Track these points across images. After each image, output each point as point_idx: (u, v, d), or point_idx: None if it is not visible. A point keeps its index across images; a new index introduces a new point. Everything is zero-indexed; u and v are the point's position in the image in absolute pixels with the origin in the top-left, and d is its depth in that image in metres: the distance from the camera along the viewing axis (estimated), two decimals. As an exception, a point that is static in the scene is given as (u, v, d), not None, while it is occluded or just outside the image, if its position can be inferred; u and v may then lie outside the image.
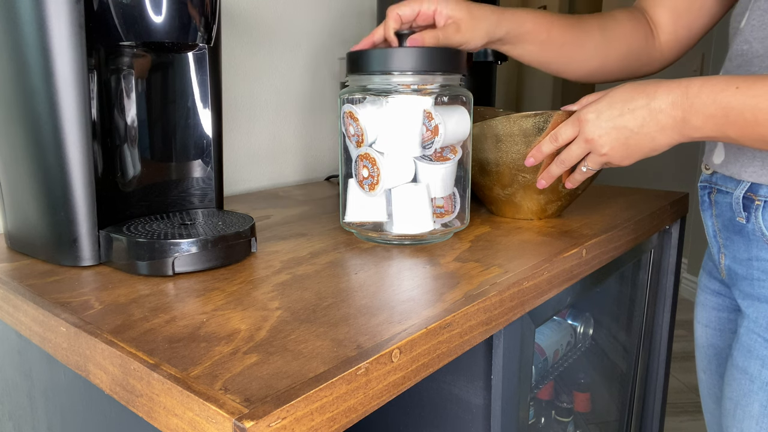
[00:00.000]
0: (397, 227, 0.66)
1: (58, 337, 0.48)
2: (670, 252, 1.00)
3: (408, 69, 0.62)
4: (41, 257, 0.62)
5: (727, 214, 0.61)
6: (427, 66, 0.62)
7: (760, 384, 0.55)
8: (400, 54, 0.62)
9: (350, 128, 0.67)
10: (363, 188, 0.67)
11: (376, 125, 0.65)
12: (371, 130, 0.65)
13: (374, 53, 0.63)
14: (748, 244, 0.58)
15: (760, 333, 0.56)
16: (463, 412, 0.61)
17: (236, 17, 1.02)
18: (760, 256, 0.56)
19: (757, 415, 0.56)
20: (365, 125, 0.65)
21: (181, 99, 0.70)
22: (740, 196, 0.58)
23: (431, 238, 0.68)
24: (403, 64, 0.62)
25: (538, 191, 0.77)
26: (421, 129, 0.64)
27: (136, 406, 0.41)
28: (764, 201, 0.55)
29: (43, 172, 0.59)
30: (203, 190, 0.73)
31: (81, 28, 0.56)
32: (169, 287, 0.54)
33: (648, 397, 1.07)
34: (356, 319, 0.47)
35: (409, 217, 0.65)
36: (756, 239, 0.56)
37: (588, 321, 1.08)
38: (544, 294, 0.62)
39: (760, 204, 0.56)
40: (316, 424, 0.37)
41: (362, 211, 0.69)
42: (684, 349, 2.32)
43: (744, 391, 0.58)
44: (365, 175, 0.66)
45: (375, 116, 0.65)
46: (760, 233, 0.56)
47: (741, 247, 0.59)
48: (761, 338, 0.56)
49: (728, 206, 0.61)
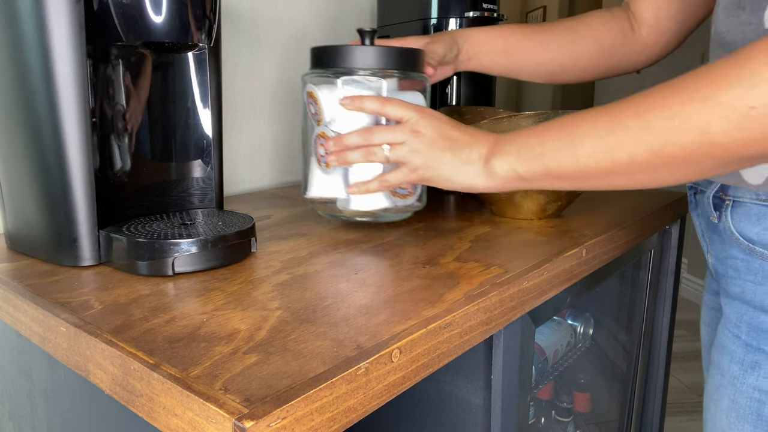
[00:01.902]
0: (353, 204, 0.70)
1: (58, 337, 0.48)
2: (670, 252, 1.00)
3: (367, 67, 0.67)
4: (41, 257, 0.62)
5: (706, 214, 0.61)
6: (384, 65, 0.68)
7: (729, 378, 0.56)
8: (358, 52, 0.67)
9: (311, 107, 0.71)
10: (320, 165, 0.70)
11: (333, 106, 0.68)
12: (328, 111, 0.69)
13: (335, 50, 0.68)
14: (723, 243, 0.59)
15: (730, 329, 0.57)
16: (463, 412, 0.61)
17: (236, 17, 1.02)
18: (733, 255, 0.57)
19: (726, 410, 0.57)
20: (323, 105, 0.69)
21: (181, 99, 0.70)
22: (711, 195, 0.59)
23: (386, 216, 0.72)
24: (362, 62, 0.67)
25: (538, 191, 0.77)
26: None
27: (136, 406, 0.41)
28: (733, 200, 0.56)
29: (43, 172, 0.59)
30: (203, 190, 0.73)
31: (81, 28, 0.56)
32: (169, 287, 0.54)
33: (648, 397, 1.07)
34: (356, 319, 0.47)
35: (364, 195, 0.69)
36: (728, 238, 0.57)
37: (588, 321, 1.08)
38: (544, 294, 0.62)
39: (729, 203, 0.57)
40: (316, 424, 0.37)
41: (322, 188, 0.72)
42: (684, 349, 2.32)
43: (716, 386, 0.59)
44: (322, 153, 0.69)
45: (332, 97, 0.68)
46: (730, 232, 0.56)
47: (719, 246, 0.60)
48: (731, 334, 0.57)
49: (705, 206, 0.61)
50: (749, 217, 0.54)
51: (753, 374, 0.54)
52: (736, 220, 0.56)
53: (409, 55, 0.69)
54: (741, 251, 0.56)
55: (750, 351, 0.54)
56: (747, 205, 0.55)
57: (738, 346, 0.56)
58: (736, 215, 0.56)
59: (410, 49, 0.70)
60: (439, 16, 1.01)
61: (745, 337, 0.55)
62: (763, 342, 0.53)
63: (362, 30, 0.70)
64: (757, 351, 0.54)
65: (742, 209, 0.55)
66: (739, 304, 0.56)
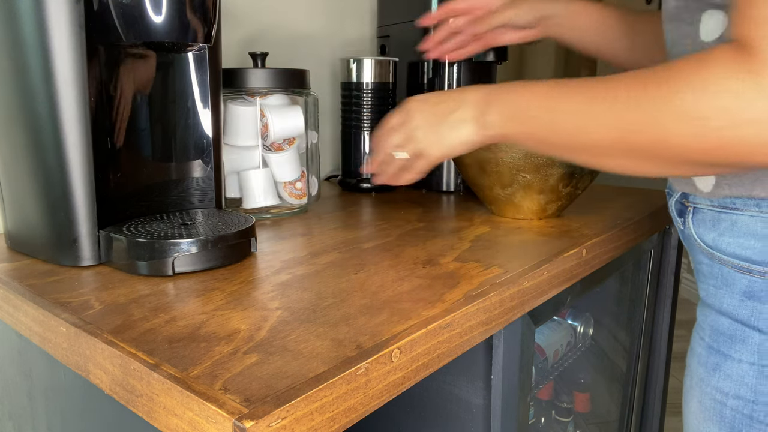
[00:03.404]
0: (244, 202, 0.83)
1: (58, 337, 0.48)
2: (670, 252, 1.00)
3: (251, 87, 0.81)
4: (41, 257, 0.62)
5: (675, 221, 0.62)
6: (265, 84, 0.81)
7: (696, 380, 0.57)
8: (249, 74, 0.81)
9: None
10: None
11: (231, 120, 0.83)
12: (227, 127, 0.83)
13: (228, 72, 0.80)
14: (691, 249, 0.59)
15: (698, 331, 0.58)
16: (463, 412, 0.61)
17: (236, 17, 1.02)
18: (699, 259, 0.57)
19: (695, 411, 0.57)
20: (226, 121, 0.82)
21: (181, 99, 0.70)
22: (674, 202, 0.59)
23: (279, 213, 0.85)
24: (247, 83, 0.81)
25: (538, 191, 0.77)
26: (256, 126, 0.81)
27: (136, 406, 0.41)
28: (693, 206, 0.56)
29: (43, 172, 0.59)
30: (203, 190, 0.73)
31: (81, 28, 0.56)
32: (169, 287, 0.54)
33: (648, 397, 1.07)
34: (356, 319, 0.47)
35: (247, 194, 0.82)
36: (692, 243, 0.57)
37: (588, 321, 1.08)
38: (544, 294, 0.62)
39: (690, 209, 0.57)
40: (316, 424, 0.37)
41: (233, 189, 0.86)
42: (684, 349, 2.30)
43: (686, 388, 0.59)
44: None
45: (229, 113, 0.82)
46: (693, 238, 0.56)
47: (690, 251, 0.60)
48: (698, 336, 0.58)
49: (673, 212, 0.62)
50: (706, 223, 0.55)
51: (715, 376, 0.54)
52: (697, 226, 0.56)
53: (289, 75, 0.82)
54: (704, 256, 0.56)
55: (712, 353, 0.55)
56: (704, 211, 0.55)
57: (702, 348, 0.56)
58: (696, 221, 0.56)
59: (291, 69, 0.82)
60: (439, 16, 1.01)
61: (708, 339, 0.56)
62: (722, 344, 0.54)
63: (254, 53, 0.83)
64: (717, 353, 0.54)
65: (700, 215, 0.56)
66: (704, 308, 0.57)
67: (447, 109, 0.60)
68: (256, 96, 0.81)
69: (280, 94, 0.83)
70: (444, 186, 1.05)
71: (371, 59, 1.00)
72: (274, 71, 0.81)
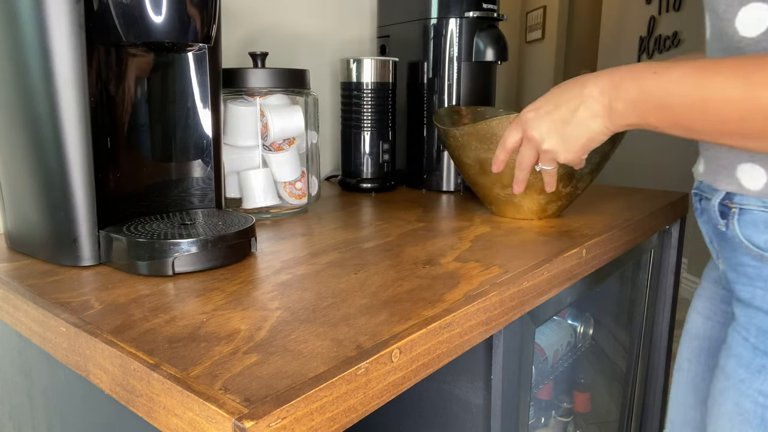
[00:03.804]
0: (244, 203, 0.83)
1: (58, 337, 0.48)
2: (670, 252, 1.00)
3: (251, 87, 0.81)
4: (41, 257, 0.62)
5: (713, 221, 0.61)
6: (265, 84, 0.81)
7: (734, 382, 0.56)
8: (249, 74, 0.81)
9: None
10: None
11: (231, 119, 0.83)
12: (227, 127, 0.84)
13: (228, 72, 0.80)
14: (733, 251, 0.58)
15: (740, 332, 0.57)
16: (463, 412, 0.61)
17: (236, 17, 1.02)
18: (743, 261, 0.57)
19: (729, 413, 0.56)
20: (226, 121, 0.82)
21: (181, 99, 0.70)
22: (716, 203, 0.59)
23: (279, 213, 0.85)
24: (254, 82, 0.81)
25: (538, 191, 0.77)
26: (256, 126, 0.81)
27: (136, 406, 0.41)
28: (739, 208, 0.56)
29: (43, 172, 0.59)
30: (203, 190, 0.73)
31: (81, 28, 0.56)
32: (169, 287, 0.54)
33: (648, 397, 1.07)
34: (356, 319, 0.47)
35: (247, 194, 0.83)
36: (737, 245, 0.57)
37: (588, 321, 1.08)
38: (544, 294, 0.62)
39: (735, 211, 0.56)
40: (316, 424, 0.37)
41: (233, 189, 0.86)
42: (684, 349, 2.30)
43: (720, 389, 0.59)
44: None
45: (229, 113, 0.82)
46: (739, 240, 0.56)
47: (729, 253, 0.60)
48: (740, 336, 0.57)
49: (712, 213, 0.61)
50: (757, 225, 0.54)
51: (759, 378, 0.54)
52: (744, 228, 0.55)
53: (289, 75, 0.83)
54: (752, 258, 0.55)
55: (758, 354, 0.54)
56: (754, 212, 0.54)
57: (746, 349, 0.55)
58: (743, 223, 0.55)
59: (291, 69, 0.82)
60: (439, 17, 1.01)
61: (753, 340, 0.55)
62: None
63: (253, 53, 0.82)
64: (765, 355, 0.54)
65: (748, 217, 0.55)
66: (749, 309, 0.56)
67: (567, 112, 0.59)
68: (256, 96, 0.81)
69: (280, 94, 0.84)
70: (444, 186, 1.05)
71: (371, 59, 1.00)
72: (274, 71, 0.82)
